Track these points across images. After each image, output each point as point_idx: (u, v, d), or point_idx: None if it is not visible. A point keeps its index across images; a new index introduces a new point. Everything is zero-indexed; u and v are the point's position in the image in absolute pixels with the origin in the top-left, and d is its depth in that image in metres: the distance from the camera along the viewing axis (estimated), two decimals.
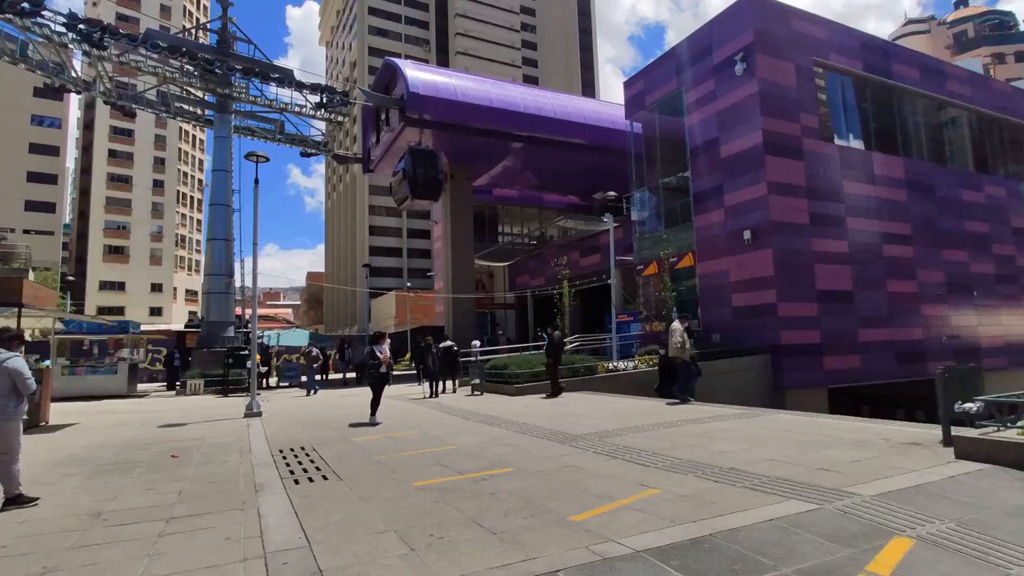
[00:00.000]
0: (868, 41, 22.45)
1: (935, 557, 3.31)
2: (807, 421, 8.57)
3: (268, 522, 4.38)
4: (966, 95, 25.18)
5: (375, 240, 64.54)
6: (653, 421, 8.79)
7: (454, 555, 3.50)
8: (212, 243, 22.80)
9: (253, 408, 11.65)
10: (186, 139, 73.86)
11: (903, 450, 6.02)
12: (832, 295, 18.80)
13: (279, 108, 25.15)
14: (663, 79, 23.20)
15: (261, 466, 6.55)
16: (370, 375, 10.09)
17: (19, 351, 5.23)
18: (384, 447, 7.57)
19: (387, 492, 5.16)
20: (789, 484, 4.84)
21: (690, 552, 3.41)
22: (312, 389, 17.49)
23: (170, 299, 67.69)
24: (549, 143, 28.62)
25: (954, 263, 22.51)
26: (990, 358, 22.25)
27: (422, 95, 24.84)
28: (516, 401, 12.97)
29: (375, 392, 10.11)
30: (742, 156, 19.17)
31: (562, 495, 4.83)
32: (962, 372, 6.46)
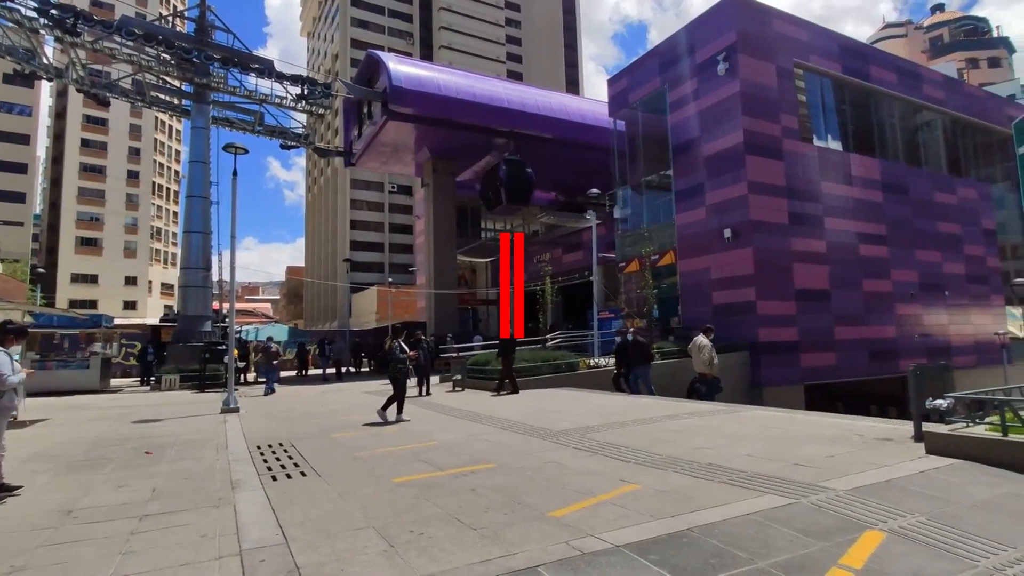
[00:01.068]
0: (847, 44, 22.82)
1: (906, 550, 3.38)
2: (784, 417, 8.71)
3: (244, 519, 4.32)
4: (940, 99, 25.75)
5: (356, 234, 63.92)
6: (634, 417, 8.86)
7: (434, 551, 3.48)
8: (189, 236, 22.37)
9: (230, 404, 11.48)
10: (162, 129, 72.32)
11: (876, 446, 6.14)
12: (810, 294, 19.11)
13: (259, 99, 24.72)
14: (646, 77, 23.32)
15: (238, 462, 6.46)
16: (399, 370, 9.53)
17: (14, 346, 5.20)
18: (364, 443, 7.51)
19: (367, 488, 5.13)
20: (766, 479, 4.91)
21: (668, 546, 3.44)
22: (270, 387, 16.12)
23: (145, 293, 66.33)
24: (533, 139, 28.58)
25: (927, 263, 23.05)
26: (960, 356, 22.85)
27: (405, 89, 24.64)
28: (497, 397, 12.97)
29: (396, 389, 9.59)
30: (723, 155, 19.37)
31: (542, 491, 4.84)
32: (933, 370, 6.62)
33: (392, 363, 9.57)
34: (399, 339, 9.93)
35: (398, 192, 66.43)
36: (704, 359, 10.90)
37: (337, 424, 9.40)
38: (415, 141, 28.68)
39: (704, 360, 10.93)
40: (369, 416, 10.13)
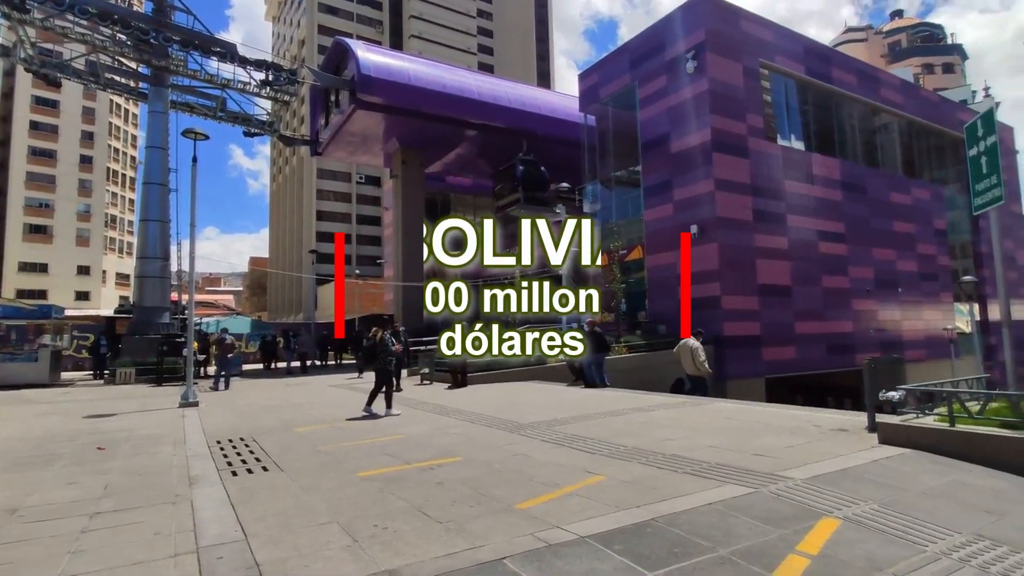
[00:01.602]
0: (811, 46, 23.40)
1: (859, 536, 3.50)
2: (746, 409, 8.91)
3: (202, 515, 4.20)
4: (898, 102, 26.67)
5: (323, 225, 62.71)
6: (601, 410, 8.94)
7: (399, 545, 3.44)
8: (146, 224, 21.54)
9: (189, 398, 11.14)
10: (118, 113, 69.44)
11: (832, 436, 6.34)
12: (772, 289, 19.63)
13: (221, 84, 23.90)
14: (617, 73, 23.47)
15: (196, 458, 6.27)
16: (387, 362, 9.33)
17: None
18: (329, 437, 7.39)
19: (331, 483, 5.04)
20: (728, 469, 5.02)
21: (633, 536, 3.48)
22: (222, 382, 15.11)
23: (99, 283, 63.79)
24: (503, 132, 28.49)
25: (882, 261, 23.93)
26: (911, 350, 23.83)
27: (374, 78, 24.24)
28: (465, 391, 12.93)
29: (387, 383, 9.36)
30: (691, 152, 19.67)
31: (509, 483, 4.84)
32: (886, 363, 6.86)
33: (383, 355, 9.34)
34: (388, 330, 9.76)
35: (366, 183, 65.40)
36: (701, 360, 11.13)
37: (301, 418, 9.22)
38: (384, 131, 28.25)
39: (700, 361, 11.15)
40: (333, 410, 9.98)
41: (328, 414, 9.64)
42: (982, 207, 6.19)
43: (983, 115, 6.41)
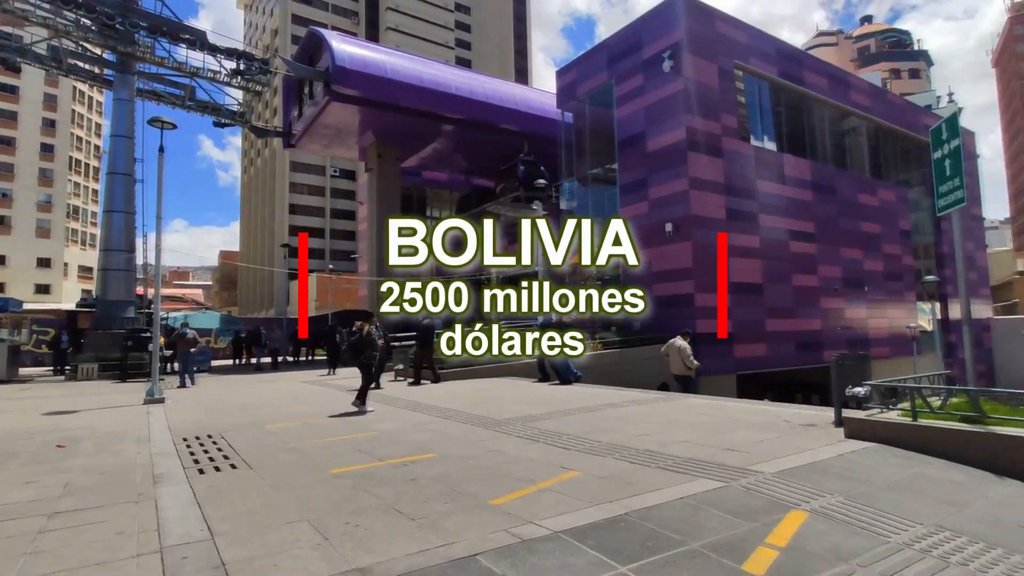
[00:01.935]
0: (784, 49, 23.82)
1: (826, 528, 3.57)
2: (718, 405, 9.05)
3: (167, 514, 4.08)
4: (866, 106, 27.35)
5: (296, 219, 61.68)
6: (576, 406, 8.98)
7: (371, 543, 3.39)
8: (110, 215, 20.87)
9: (154, 394, 10.85)
10: (81, 100, 67.15)
11: (801, 431, 6.48)
12: (744, 287, 19.97)
13: (190, 72, 23.27)
14: (594, 71, 23.56)
15: (161, 455, 6.10)
16: (371, 357, 9.24)
17: None
18: (300, 434, 7.26)
19: (301, 480, 4.95)
20: (700, 464, 5.08)
21: (606, 531, 3.49)
22: (187, 379, 14.58)
23: (60, 276, 61.73)
24: (480, 127, 28.40)
25: (850, 260, 24.55)
26: (877, 347, 24.54)
27: (349, 69, 23.88)
28: (441, 387, 12.87)
29: (371, 376, 9.27)
30: (667, 151, 19.87)
31: (484, 479, 4.82)
32: (853, 360, 7.04)
33: (368, 350, 9.25)
34: (372, 324, 9.63)
35: (341, 176, 64.54)
36: (690, 361, 11.44)
37: (272, 415, 9.05)
38: (359, 124, 27.90)
39: (689, 361, 11.45)
40: (304, 407, 9.83)
41: (300, 411, 9.48)
42: (945, 208, 6.38)
43: (947, 119, 6.60)
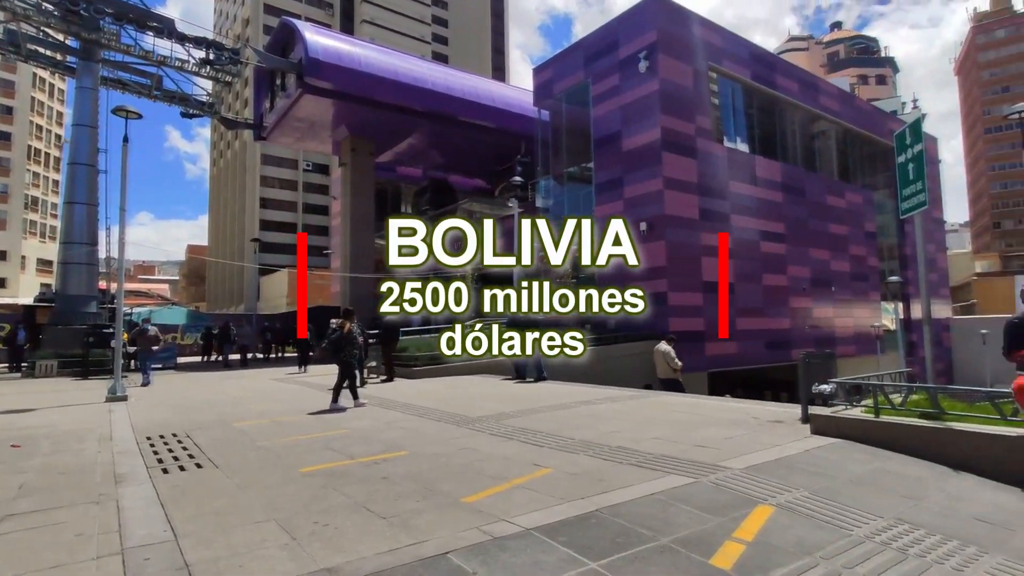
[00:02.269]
0: (757, 52, 24.24)
1: (791, 522, 3.65)
2: (689, 402, 9.18)
3: (129, 515, 3.96)
4: (835, 110, 28.03)
5: (267, 214, 60.55)
6: (549, 403, 9.01)
7: (340, 542, 3.34)
8: (71, 207, 20.15)
9: (117, 391, 10.53)
10: (42, 87, 64.72)
11: (769, 428, 6.61)
12: (716, 286, 20.28)
13: (157, 61, 22.61)
14: (571, 69, 23.63)
15: (123, 454, 5.92)
16: (351, 355, 9.20)
17: None
18: (269, 432, 7.13)
19: (270, 479, 4.85)
20: (671, 460, 5.14)
21: (577, 528, 3.51)
22: (150, 376, 13.94)
23: (17, 269, 59.49)
24: (457, 123, 28.25)
25: (818, 261, 25.15)
26: (842, 346, 25.21)
27: (322, 62, 23.48)
28: (414, 384, 12.78)
29: (349, 376, 9.25)
30: (642, 151, 20.05)
31: (456, 477, 4.80)
32: (819, 358, 7.21)
33: (349, 347, 9.20)
34: (354, 321, 9.53)
35: (314, 171, 63.55)
36: (676, 365, 11.75)
37: (240, 413, 8.86)
38: (333, 117, 27.48)
39: (675, 366, 11.74)
40: (273, 405, 9.66)
41: (269, 408, 9.31)
42: (908, 211, 6.57)
43: (911, 124, 6.79)
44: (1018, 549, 3.46)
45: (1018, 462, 4.65)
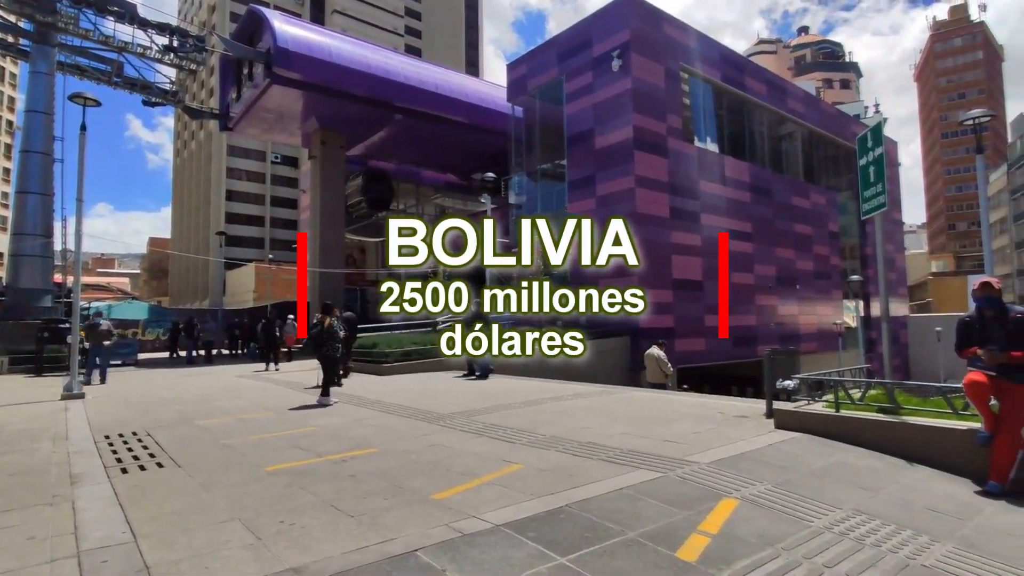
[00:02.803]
0: (727, 54, 24.66)
1: (755, 515, 3.74)
2: (657, 398, 9.32)
3: (85, 516, 3.82)
4: (801, 113, 28.72)
5: (233, 206, 59.03)
6: (519, 399, 9.03)
7: (306, 541, 3.29)
8: (23, 197, 19.31)
9: (73, 389, 10.16)
10: None
11: (735, 423, 6.75)
12: (685, 284, 20.62)
13: (117, 47, 21.80)
14: (545, 66, 23.66)
15: (80, 454, 5.71)
16: (334, 349, 9.12)
17: None
18: (233, 430, 6.97)
19: (234, 478, 4.75)
20: (639, 455, 5.21)
21: (546, 523, 3.52)
22: (96, 374, 13.08)
23: None
24: (429, 118, 27.99)
25: (784, 259, 25.78)
26: (806, 342, 25.91)
27: (292, 52, 22.98)
28: (384, 381, 12.66)
29: (332, 371, 9.17)
30: (614, 149, 20.22)
31: (426, 474, 4.77)
32: (784, 354, 7.40)
33: (331, 343, 9.09)
34: (333, 316, 9.36)
35: (282, 163, 62.19)
36: (669, 371, 12.09)
37: (203, 411, 8.64)
38: (302, 109, 26.94)
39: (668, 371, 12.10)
40: (238, 402, 9.45)
41: (234, 406, 9.11)
42: (869, 212, 6.78)
43: (872, 128, 7.00)
44: (967, 537, 3.61)
45: (968, 454, 4.85)
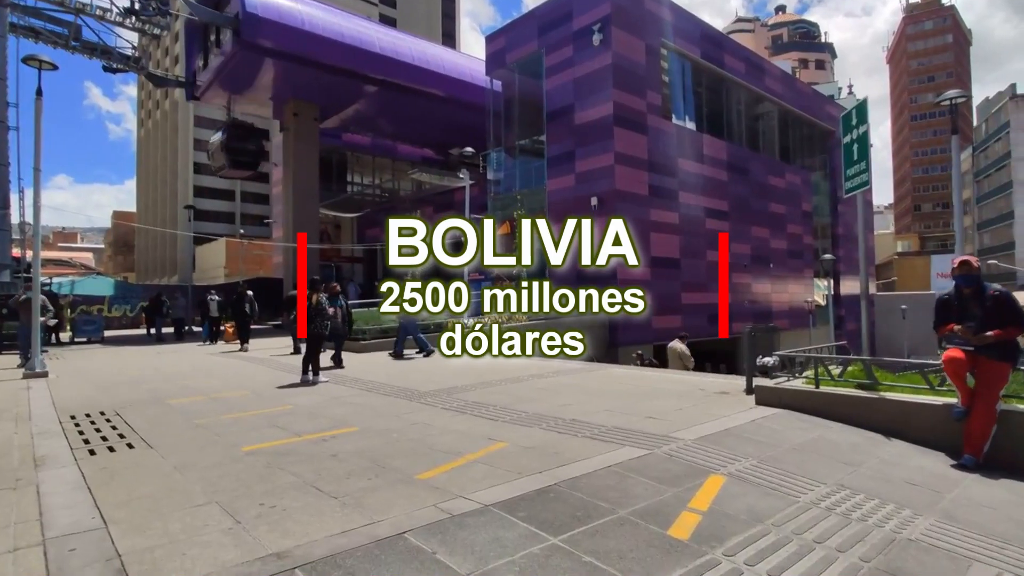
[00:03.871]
0: (707, 31, 24.48)
1: (742, 490, 3.74)
2: (638, 375, 9.37)
3: (51, 501, 3.64)
4: (778, 92, 28.81)
5: (201, 180, 57.16)
6: (501, 376, 8.98)
7: (288, 524, 3.17)
8: None
9: (36, 367, 9.76)
10: None
11: (716, 399, 6.80)
12: (663, 261, 20.73)
13: (74, 9, 20.66)
14: (524, 39, 23.18)
15: (44, 435, 5.47)
16: (322, 326, 8.94)
17: None
18: (207, 409, 6.76)
19: (209, 459, 4.59)
20: (624, 432, 5.20)
21: (536, 503, 3.47)
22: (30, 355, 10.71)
23: None
24: (405, 90, 27.27)
25: (759, 238, 26.09)
26: (778, 319, 26.41)
27: (261, 18, 22.01)
28: (362, 358, 12.49)
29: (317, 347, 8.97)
30: (594, 125, 20.02)
31: (409, 453, 4.68)
32: (763, 332, 7.47)
33: (319, 319, 8.90)
34: (321, 292, 9.15)
35: None
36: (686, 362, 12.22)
37: (175, 389, 8.39)
38: (273, 79, 25.96)
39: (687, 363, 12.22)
40: (211, 380, 9.20)
41: (207, 385, 8.86)
42: (852, 190, 6.79)
43: (857, 106, 6.98)
44: (946, 510, 3.67)
45: (943, 429, 4.95)
